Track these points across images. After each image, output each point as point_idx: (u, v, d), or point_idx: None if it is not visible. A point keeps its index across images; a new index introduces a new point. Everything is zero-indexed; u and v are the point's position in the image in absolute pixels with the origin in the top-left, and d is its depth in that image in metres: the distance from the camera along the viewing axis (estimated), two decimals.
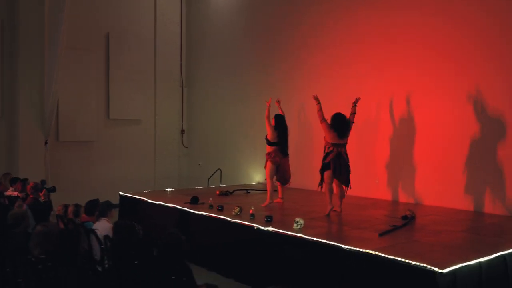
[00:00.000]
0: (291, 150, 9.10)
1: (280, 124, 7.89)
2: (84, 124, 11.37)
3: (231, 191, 9.20)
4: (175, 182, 12.57)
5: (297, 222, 5.90)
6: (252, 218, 6.49)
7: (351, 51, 9.10)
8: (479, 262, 4.54)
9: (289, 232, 5.64)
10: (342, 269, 4.95)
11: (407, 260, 4.39)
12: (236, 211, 6.80)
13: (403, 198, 8.28)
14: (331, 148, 6.90)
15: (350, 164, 6.90)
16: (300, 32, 10.10)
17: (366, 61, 8.82)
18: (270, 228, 5.90)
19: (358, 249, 4.83)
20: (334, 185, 6.96)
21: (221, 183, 10.93)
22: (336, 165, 6.76)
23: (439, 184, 7.73)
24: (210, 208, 7.26)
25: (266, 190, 8.42)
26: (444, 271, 4.16)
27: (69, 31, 11.06)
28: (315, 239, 5.30)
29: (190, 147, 13.24)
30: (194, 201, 7.77)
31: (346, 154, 6.84)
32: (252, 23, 11.31)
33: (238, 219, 6.45)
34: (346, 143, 6.85)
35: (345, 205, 7.37)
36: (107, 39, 11.76)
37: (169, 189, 9.87)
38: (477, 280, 4.50)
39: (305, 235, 5.44)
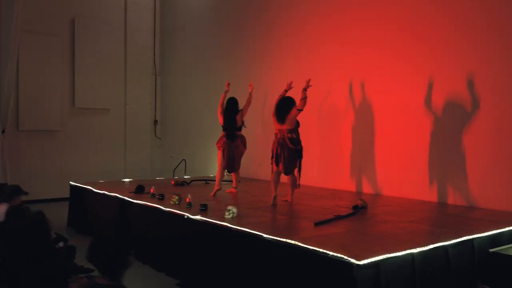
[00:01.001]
0: (259, 138, 8.58)
1: (227, 108, 7.38)
2: (47, 113, 10.89)
3: (188, 181, 8.67)
4: (148, 174, 12.08)
5: (229, 210, 5.37)
6: (188, 207, 5.96)
7: (318, 31, 8.53)
8: (412, 254, 3.96)
9: (215, 221, 5.10)
10: (263, 259, 4.40)
11: (325, 251, 3.83)
12: (174, 200, 6.27)
13: (367, 188, 7.71)
14: (276, 134, 6.38)
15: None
16: (269, 15, 9.54)
17: (333, 41, 8.25)
18: (198, 217, 5.36)
19: (279, 238, 4.28)
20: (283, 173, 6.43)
21: (185, 174, 10.41)
22: (278, 152, 6.23)
23: (402, 174, 7.16)
24: (152, 197, 6.74)
25: (229, 181, 7.94)
26: (362, 262, 3.59)
27: (31, 14, 10.66)
28: (238, 228, 4.76)
29: (164, 138, 12.73)
30: (139, 191, 7.26)
31: (293, 140, 6.27)
32: (229, 9, 10.70)
33: (176, 209, 5.91)
34: (292, 128, 6.28)
35: (301, 195, 6.85)
36: (73, 23, 11.27)
37: (127, 180, 9.36)
38: (409, 273, 3.93)
39: (231, 224, 4.90)
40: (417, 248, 4.02)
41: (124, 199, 6.81)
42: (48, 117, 10.92)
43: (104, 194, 7.37)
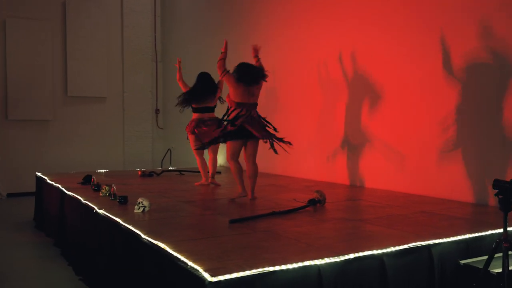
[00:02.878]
0: None
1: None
2: (37, 102, 10.39)
3: (157, 172, 7.77)
4: (149, 166, 11.34)
5: (139, 203, 4.39)
6: (113, 199, 5.05)
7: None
8: (318, 266, 2.79)
9: (111, 216, 4.13)
10: (139, 261, 3.39)
11: (185, 260, 2.76)
12: (103, 191, 5.37)
13: (357, 181, 6.46)
14: (238, 110, 5.28)
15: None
16: None
17: (320, 12, 7.05)
18: (101, 211, 4.42)
19: (152, 240, 3.25)
20: (245, 159, 5.38)
21: (170, 165, 9.55)
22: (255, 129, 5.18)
23: (393, 166, 5.87)
24: (95, 189, 5.87)
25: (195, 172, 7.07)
26: (216, 279, 2.49)
27: None
28: (125, 224, 3.76)
29: (166, 129, 11.93)
30: (88, 181, 6.45)
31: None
32: None
33: (96, 201, 5.02)
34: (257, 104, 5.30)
35: (270, 187, 5.76)
36: (64, 7, 10.70)
37: (102, 170, 8.61)
38: None
39: (122, 221, 3.92)
40: (334, 258, 2.85)
41: (62, 191, 6.00)
42: (39, 106, 10.42)
43: (51, 185, 6.62)
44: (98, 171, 8.55)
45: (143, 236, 3.39)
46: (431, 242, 3.34)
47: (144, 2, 11.65)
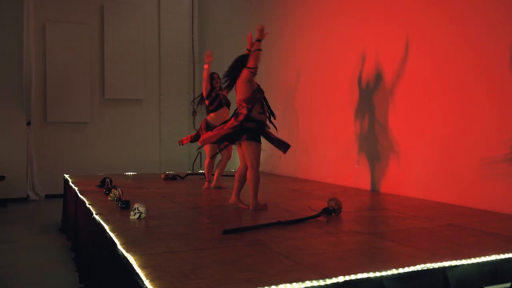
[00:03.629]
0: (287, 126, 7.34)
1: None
2: (75, 104, 10.50)
3: (182, 175, 7.52)
4: (185, 169, 11.19)
5: (135, 209, 4.12)
6: (117, 204, 4.82)
7: None
8: None
9: (101, 222, 3.87)
10: (115, 272, 3.09)
11: (143, 278, 2.43)
12: (112, 194, 5.16)
13: (387, 187, 5.91)
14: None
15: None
16: None
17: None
18: (96, 217, 4.18)
19: (124, 252, 2.94)
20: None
21: (200, 168, 9.30)
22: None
23: (436, 171, 5.28)
24: (107, 193, 5.69)
25: (231, 176, 6.82)
26: None
27: (59, 3, 10.36)
28: (110, 233, 3.48)
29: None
30: (104, 184, 6.30)
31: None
32: None
33: (107, 206, 4.81)
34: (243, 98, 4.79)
35: (286, 192, 5.36)
36: (102, 10, 10.76)
37: (130, 173, 8.49)
38: None
39: (108, 229, 3.64)
40: (318, 281, 2.41)
41: (77, 194, 5.86)
42: (77, 108, 10.52)
43: (71, 187, 6.53)
44: (126, 173, 8.44)
45: (118, 246, 3.09)
46: (448, 263, 2.82)
47: (181, 4, 11.53)
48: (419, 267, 2.73)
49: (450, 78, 5.01)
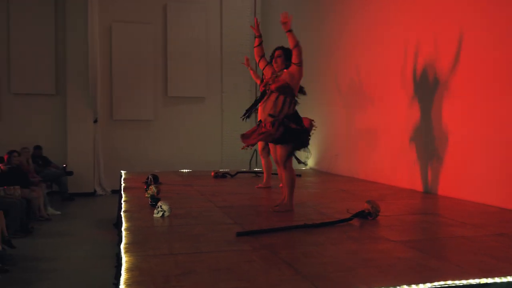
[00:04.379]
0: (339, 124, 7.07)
1: None
2: (139, 102, 10.78)
3: (232, 173, 7.39)
4: (247, 167, 11.10)
5: (158, 208, 4.03)
6: (152, 201, 4.77)
7: None
8: None
9: (123, 220, 3.82)
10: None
11: (122, 282, 2.30)
12: (149, 192, 5.11)
13: (444, 190, 5.38)
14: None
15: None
16: None
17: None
18: (122, 214, 4.15)
19: (122, 252, 2.83)
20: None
21: (256, 166, 9.13)
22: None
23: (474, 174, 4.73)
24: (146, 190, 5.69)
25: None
26: None
27: (124, 3, 10.68)
28: (123, 231, 3.40)
29: None
30: (155, 180, 6.30)
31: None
32: None
33: (141, 203, 4.80)
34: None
35: (339, 194, 5.07)
36: (165, 10, 10.95)
37: (185, 170, 8.52)
38: None
39: (124, 227, 3.57)
40: None
41: (120, 190, 5.94)
42: (141, 106, 10.80)
43: (121, 183, 6.64)
44: (182, 170, 8.49)
45: (122, 246, 2.99)
46: (475, 281, 2.41)
47: (243, 1, 11.44)
48: (437, 284, 2.35)
49: None
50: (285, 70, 4.50)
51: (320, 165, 8.48)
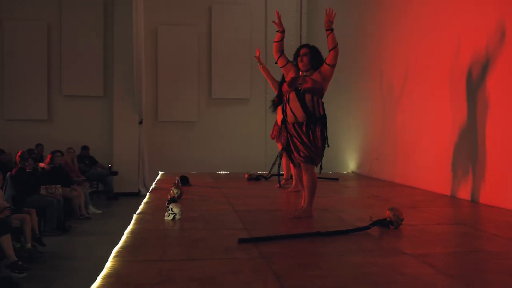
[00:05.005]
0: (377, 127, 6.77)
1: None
2: (184, 104, 10.87)
3: (266, 175, 7.21)
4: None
5: (169, 210, 3.93)
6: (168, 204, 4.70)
7: None
8: None
9: (132, 222, 3.76)
10: None
11: None
12: (171, 194, 5.05)
13: (491, 199, 4.92)
14: None
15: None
16: None
17: None
18: (134, 216, 4.10)
19: (111, 256, 2.75)
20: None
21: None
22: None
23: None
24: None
25: (321, 178, 6.33)
26: None
27: (170, 6, 10.82)
28: (125, 233, 3.33)
29: None
30: (184, 182, 6.29)
31: None
32: None
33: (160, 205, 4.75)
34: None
35: (370, 200, 4.79)
36: (210, 11, 10.97)
37: (223, 172, 8.43)
38: None
39: (128, 229, 3.50)
40: None
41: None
42: (186, 108, 10.88)
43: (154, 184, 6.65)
44: (219, 172, 8.42)
45: (115, 249, 2.91)
46: None
47: (289, 0, 11.25)
48: None
49: None
50: (316, 70, 4.24)
51: (361, 169, 8.13)
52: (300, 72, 4.23)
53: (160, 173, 8.01)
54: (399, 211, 3.72)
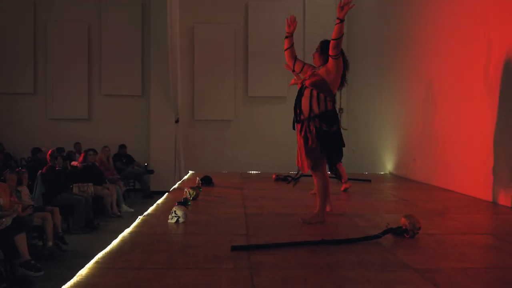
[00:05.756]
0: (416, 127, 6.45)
1: None
2: (220, 102, 10.77)
3: (296, 176, 6.93)
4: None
5: (172, 213, 3.80)
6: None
7: None
8: None
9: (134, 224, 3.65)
10: None
11: None
12: (186, 193, 4.91)
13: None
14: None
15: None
16: None
17: None
18: (141, 216, 4.00)
19: (91, 262, 2.63)
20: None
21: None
22: None
23: None
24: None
25: (353, 180, 6.33)
26: None
27: (206, 4, 10.76)
28: (121, 235, 3.22)
29: (350, 129, 10.88)
30: (206, 181, 6.17)
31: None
32: None
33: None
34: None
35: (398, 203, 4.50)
36: (246, 9, 10.82)
37: (254, 172, 8.25)
38: None
39: (126, 232, 3.38)
40: None
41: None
42: (222, 106, 10.79)
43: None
44: (250, 172, 8.25)
45: (99, 255, 2.79)
46: None
47: None
48: None
49: None
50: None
51: (398, 170, 7.70)
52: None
53: (190, 172, 7.94)
54: (415, 219, 3.40)
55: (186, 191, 4.69)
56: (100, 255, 2.79)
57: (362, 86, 9.75)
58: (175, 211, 3.79)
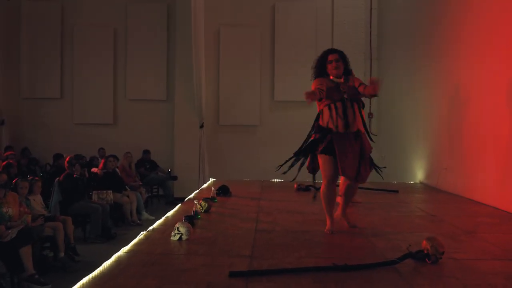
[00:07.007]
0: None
1: None
2: (245, 107, 10.54)
3: (317, 185, 6.61)
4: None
5: (175, 229, 3.57)
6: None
7: None
8: None
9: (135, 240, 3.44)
10: None
11: None
12: (199, 206, 4.69)
13: None
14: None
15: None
16: None
17: None
18: (144, 232, 3.79)
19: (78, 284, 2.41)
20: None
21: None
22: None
23: None
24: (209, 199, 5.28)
25: (379, 190, 6.30)
26: None
27: (232, 7, 10.57)
28: (119, 253, 3.00)
29: (380, 135, 10.46)
30: (223, 191, 5.94)
31: None
32: None
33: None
34: None
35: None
36: (273, 11, 10.55)
37: (276, 180, 7.96)
38: None
39: (123, 250, 3.17)
40: None
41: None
42: (247, 111, 10.56)
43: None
44: (273, 180, 7.96)
45: (84, 279, 2.58)
46: None
47: None
48: None
49: None
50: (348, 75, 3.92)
51: (429, 180, 7.26)
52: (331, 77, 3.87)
53: (211, 179, 7.73)
54: (438, 242, 3.05)
55: (196, 203, 4.46)
56: (85, 279, 2.58)
57: (393, 90, 9.33)
58: (178, 228, 3.55)
